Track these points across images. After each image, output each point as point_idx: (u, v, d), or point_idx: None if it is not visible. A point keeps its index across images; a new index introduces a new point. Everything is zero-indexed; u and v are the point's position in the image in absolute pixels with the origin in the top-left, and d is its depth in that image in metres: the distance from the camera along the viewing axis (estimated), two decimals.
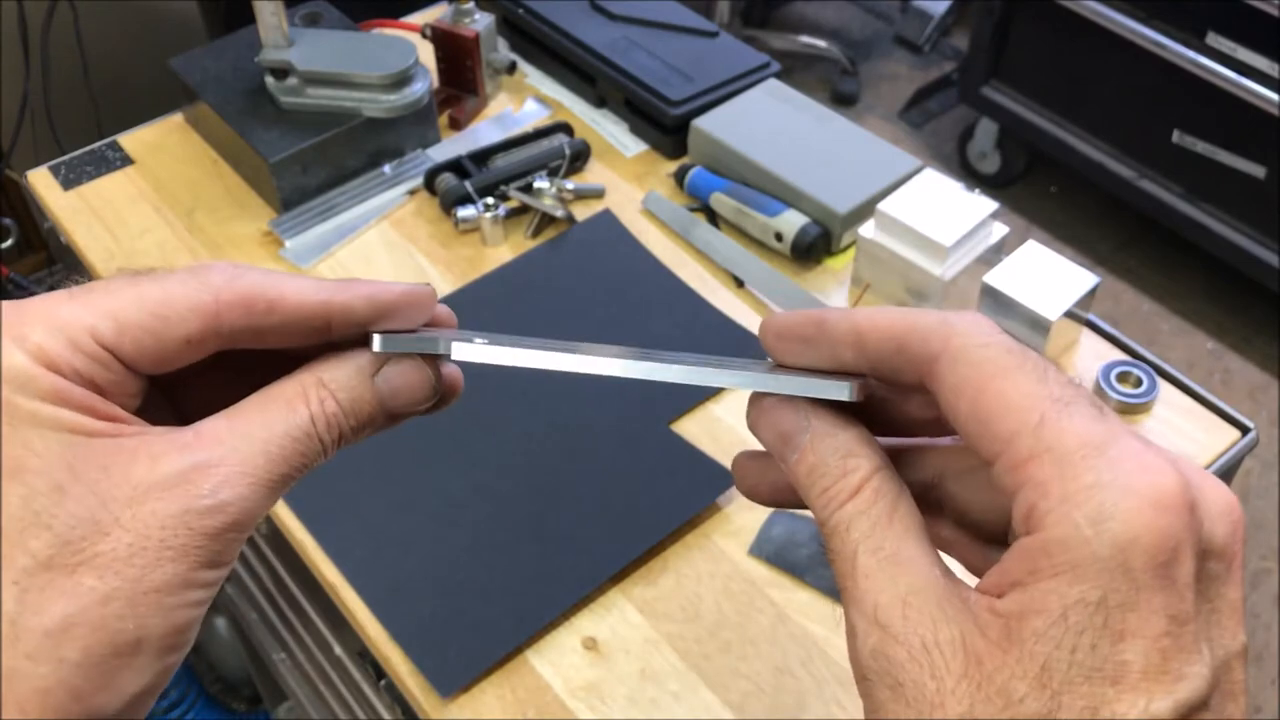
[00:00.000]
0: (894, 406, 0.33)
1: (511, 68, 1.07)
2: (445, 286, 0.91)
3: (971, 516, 0.32)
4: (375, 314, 0.32)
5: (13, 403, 0.27)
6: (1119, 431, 0.26)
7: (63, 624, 0.26)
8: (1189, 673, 0.24)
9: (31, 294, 1.66)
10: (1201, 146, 1.94)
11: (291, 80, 0.96)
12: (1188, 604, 0.24)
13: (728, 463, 0.77)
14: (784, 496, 0.33)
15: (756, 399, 0.32)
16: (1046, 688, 0.24)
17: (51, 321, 0.28)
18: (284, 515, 0.75)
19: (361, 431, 0.32)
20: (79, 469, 0.27)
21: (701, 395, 0.82)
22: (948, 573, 0.27)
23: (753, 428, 0.32)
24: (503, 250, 0.94)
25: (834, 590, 0.71)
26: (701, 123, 0.98)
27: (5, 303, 0.29)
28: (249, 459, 0.29)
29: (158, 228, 0.96)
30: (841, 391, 0.29)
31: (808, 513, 0.31)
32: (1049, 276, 0.82)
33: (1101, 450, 0.25)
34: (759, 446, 0.32)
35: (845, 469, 0.29)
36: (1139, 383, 0.81)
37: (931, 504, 0.32)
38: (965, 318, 0.29)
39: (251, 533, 0.29)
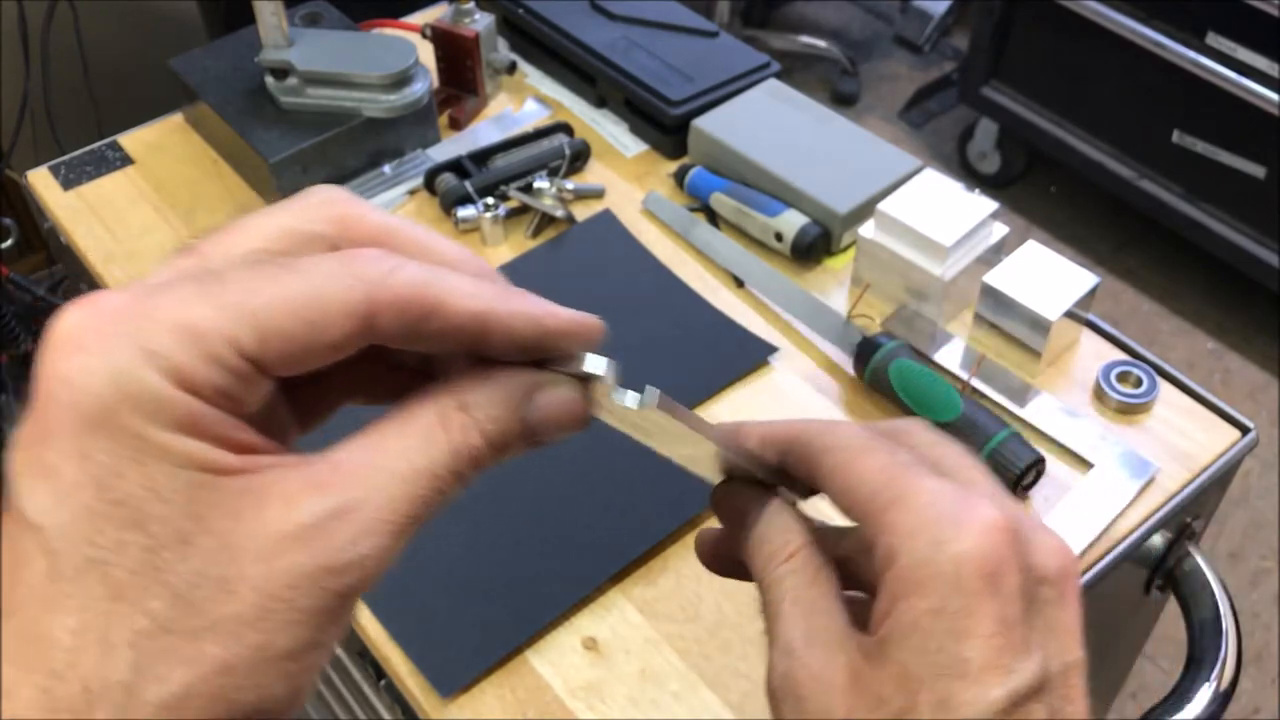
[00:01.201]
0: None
1: (511, 68, 1.07)
2: None
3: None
4: (538, 340, 0.29)
5: (140, 435, 0.24)
6: (957, 483, 0.31)
7: (181, 695, 0.23)
8: (1019, 667, 0.28)
9: (31, 294, 1.66)
10: (1201, 146, 1.94)
11: (291, 80, 0.96)
12: (1014, 610, 0.29)
13: None
14: (732, 569, 0.39)
15: (724, 484, 0.38)
16: (906, 687, 0.28)
17: (187, 330, 0.24)
18: None
19: (502, 460, 0.29)
20: (207, 517, 0.24)
21: (702, 396, 0.82)
22: (851, 623, 0.32)
23: (716, 505, 0.38)
24: (503, 250, 0.94)
25: None
26: (701, 123, 0.98)
27: (129, 297, 0.25)
28: (390, 502, 0.26)
29: (158, 228, 0.96)
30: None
31: (808, 513, 0.36)
32: (1049, 276, 0.82)
33: (939, 495, 0.30)
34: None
35: (784, 539, 0.34)
36: (1139, 383, 0.81)
37: (850, 576, 0.37)
38: (839, 425, 0.35)
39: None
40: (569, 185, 0.96)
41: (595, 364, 0.30)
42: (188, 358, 0.24)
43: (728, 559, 0.38)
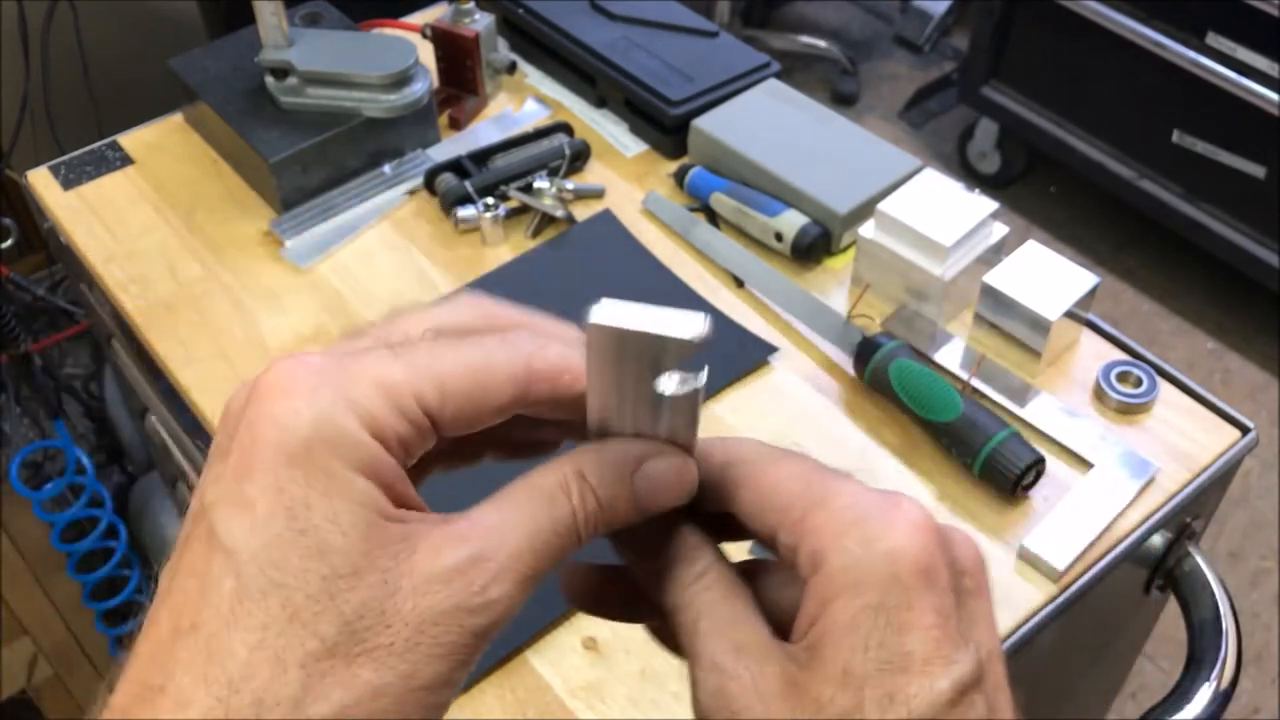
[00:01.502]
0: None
1: (511, 68, 1.07)
2: (445, 286, 0.91)
3: (781, 617, 0.36)
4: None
5: (332, 472, 0.27)
6: (868, 487, 0.31)
7: (337, 715, 0.26)
8: (959, 657, 0.28)
9: (31, 294, 1.66)
10: (1201, 146, 1.94)
11: (291, 80, 0.96)
12: (949, 602, 0.29)
13: None
14: (601, 605, 0.39)
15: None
16: (849, 686, 0.28)
17: (383, 384, 0.28)
18: None
19: (614, 527, 0.32)
20: (375, 554, 0.27)
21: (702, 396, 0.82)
22: (773, 634, 0.31)
23: (616, 536, 0.35)
24: (503, 250, 0.94)
25: None
26: (701, 123, 0.98)
27: (331, 357, 0.28)
28: (518, 555, 0.29)
29: (158, 228, 0.96)
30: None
31: None
32: (1049, 276, 0.82)
33: (858, 496, 0.31)
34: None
35: (693, 558, 0.33)
36: (1139, 383, 0.81)
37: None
38: (740, 440, 0.34)
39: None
40: (569, 185, 0.96)
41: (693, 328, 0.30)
42: (381, 408, 0.28)
43: (598, 594, 0.39)
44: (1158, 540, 0.78)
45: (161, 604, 0.27)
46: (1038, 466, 0.75)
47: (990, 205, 0.85)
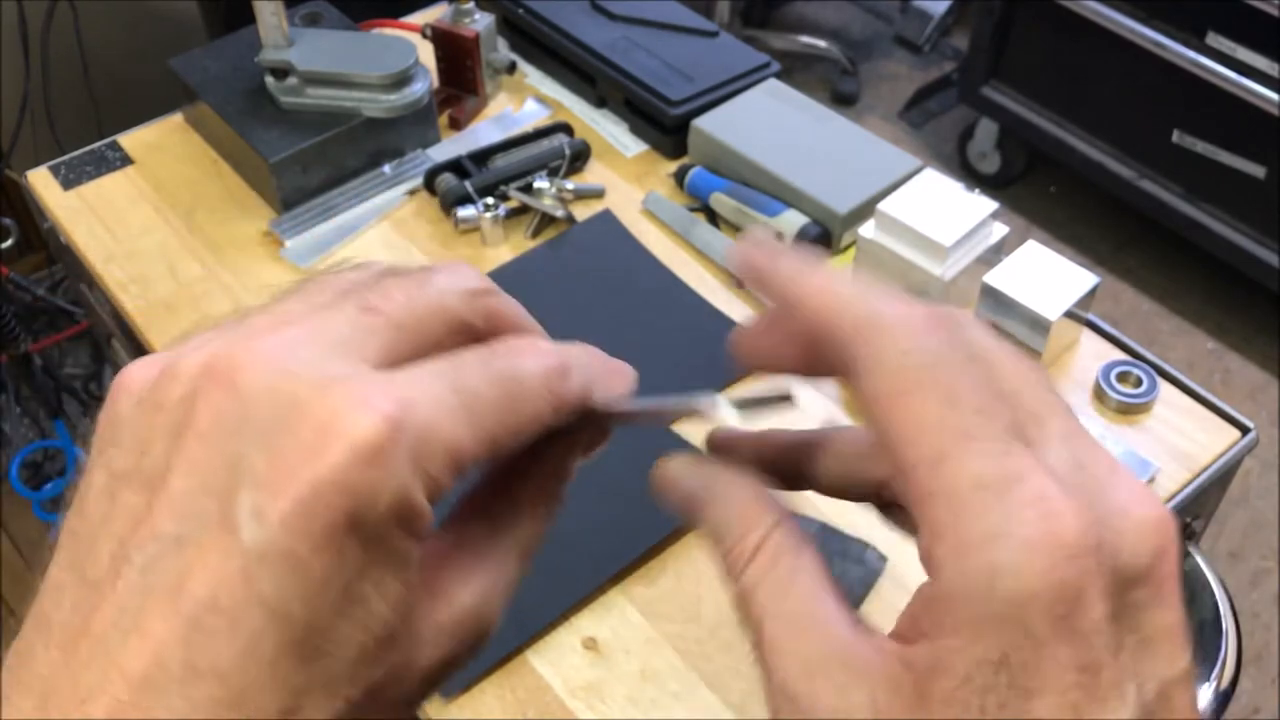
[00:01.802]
0: (816, 464, 0.33)
1: (511, 68, 1.07)
2: None
3: (839, 482, 0.33)
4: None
5: (389, 544, 0.25)
6: (1024, 469, 0.24)
7: None
8: (1108, 716, 0.23)
9: (31, 294, 1.65)
10: (1201, 146, 1.94)
11: (291, 80, 0.96)
12: (1097, 651, 0.23)
13: None
14: (791, 362, 0.32)
15: (661, 466, 0.33)
16: None
17: (454, 454, 0.25)
18: None
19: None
20: (407, 615, 0.26)
21: None
22: (857, 625, 0.26)
23: (661, 495, 0.32)
24: (503, 250, 0.94)
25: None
26: (701, 123, 0.98)
27: (407, 413, 0.25)
28: (510, 577, 0.30)
29: (158, 228, 0.96)
30: (709, 405, 0.32)
31: (808, 513, 0.32)
32: (1049, 276, 0.82)
33: (999, 495, 0.23)
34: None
35: (744, 529, 0.28)
36: (1139, 383, 0.81)
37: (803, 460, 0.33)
38: (896, 311, 0.27)
39: None
40: (569, 185, 0.96)
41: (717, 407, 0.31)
42: (445, 475, 0.25)
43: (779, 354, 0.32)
44: None
45: (162, 604, 0.24)
46: None
47: (990, 205, 0.85)
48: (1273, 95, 1.79)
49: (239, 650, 0.23)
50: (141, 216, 0.97)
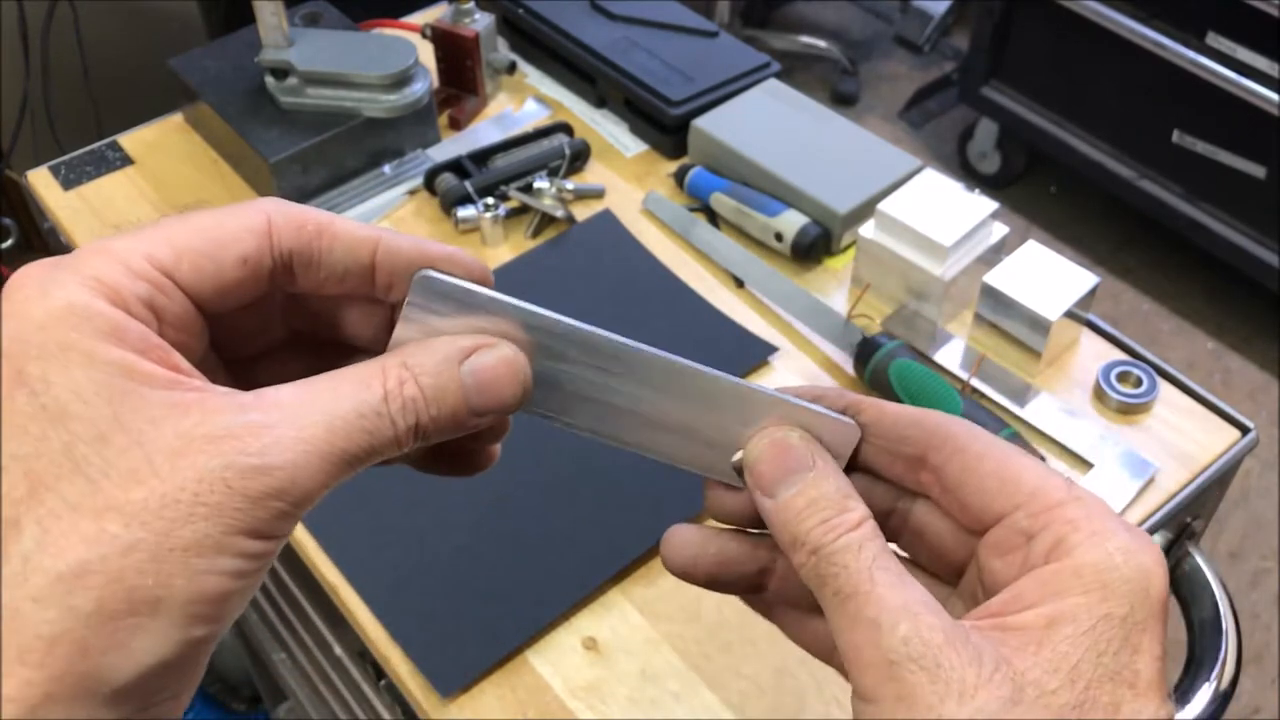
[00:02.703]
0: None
1: (511, 68, 1.07)
2: None
3: (931, 551, 0.36)
4: (420, 259, 0.31)
5: (67, 340, 0.26)
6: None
7: (78, 569, 0.25)
8: (1166, 698, 0.28)
9: None
10: (1201, 146, 1.94)
11: (291, 80, 0.96)
12: (1164, 642, 0.29)
13: None
14: (716, 572, 0.36)
15: (761, 434, 0.34)
16: (1077, 684, 0.27)
17: (107, 253, 0.28)
18: None
19: (443, 428, 0.30)
20: (126, 419, 0.26)
21: None
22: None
23: (753, 460, 0.34)
24: (503, 250, 0.94)
25: None
26: (701, 123, 0.98)
27: (58, 256, 0.28)
28: (307, 426, 0.27)
29: None
30: (853, 430, 0.34)
31: None
32: (1049, 276, 0.82)
33: (1111, 512, 0.30)
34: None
35: (846, 506, 0.31)
36: (1139, 383, 0.81)
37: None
38: (945, 418, 0.34)
39: (306, 510, 0.28)
40: (569, 185, 0.96)
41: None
42: (108, 270, 0.27)
43: (716, 559, 0.36)
44: (1158, 540, 0.78)
45: None
46: None
47: (990, 205, 0.85)
48: (1273, 95, 1.79)
49: None
50: (142, 216, 0.97)
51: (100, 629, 0.25)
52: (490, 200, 0.93)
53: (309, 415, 0.27)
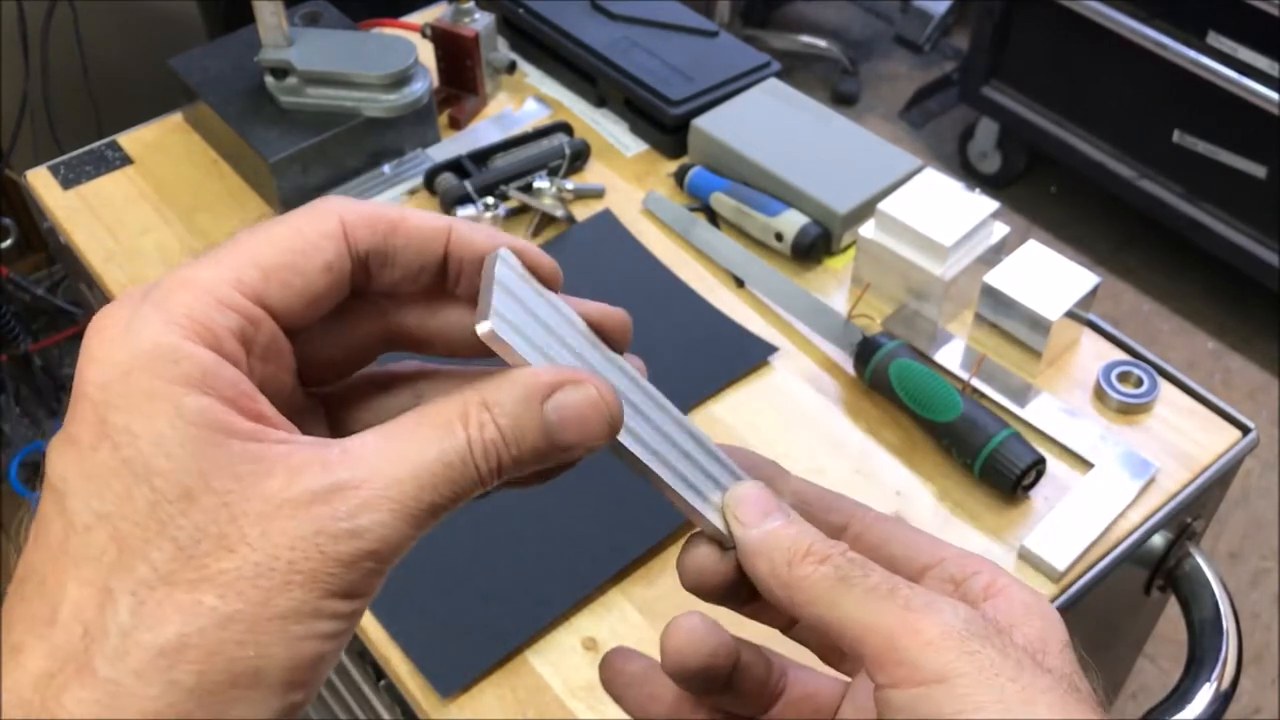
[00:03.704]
0: None
1: (511, 67, 1.07)
2: None
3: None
4: (492, 247, 0.31)
5: (152, 389, 0.25)
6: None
7: (178, 643, 0.24)
8: None
9: (31, 294, 1.65)
10: (1202, 146, 1.94)
11: (291, 80, 0.96)
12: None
13: None
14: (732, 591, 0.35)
15: (738, 483, 0.34)
16: (1065, 661, 0.30)
17: (195, 286, 0.26)
18: None
19: (525, 464, 0.29)
20: (211, 475, 0.25)
21: (702, 395, 0.82)
22: None
23: (739, 498, 0.33)
24: None
25: None
26: (701, 122, 0.98)
27: (146, 286, 0.27)
28: (395, 483, 0.26)
29: (157, 228, 0.96)
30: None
31: None
32: (1049, 276, 0.82)
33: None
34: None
35: (802, 540, 0.31)
36: (1139, 383, 0.81)
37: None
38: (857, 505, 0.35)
39: (394, 564, 0.27)
40: (569, 185, 0.96)
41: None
42: (199, 306, 0.26)
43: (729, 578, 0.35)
44: (1158, 540, 0.78)
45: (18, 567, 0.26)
46: (1038, 467, 0.74)
47: (991, 205, 0.85)
48: (1273, 95, 1.79)
49: (36, 547, 0.26)
50: (141, 216, 0.97)
51: (203, 702, 0.24)
52: (490, 200, 0.93)
53: (396, 470, 0.26)
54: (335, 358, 0.32)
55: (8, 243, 1.68)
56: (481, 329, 0.29)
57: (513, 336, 0.29)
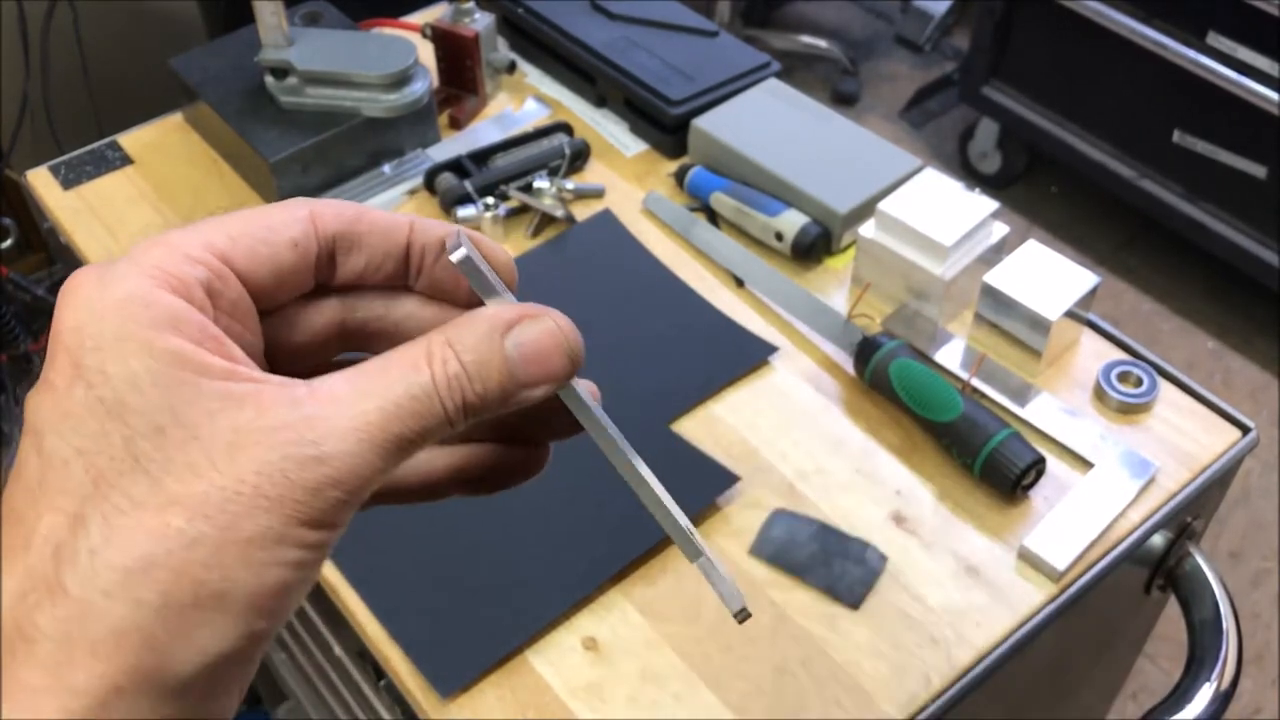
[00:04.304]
0: None
1: (511, 67, 1.07)
2: None
3: None
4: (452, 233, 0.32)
5: (124, 330, 0.26)
6: None
7: (144, 563, 0.25)
8: None
9: (31, 294, 1.65)
10: (1201, 146, 1.94)
11: (291, 80, 0.96)
12: None
13: (727, 462, 0.77)
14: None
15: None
16: None
17: (165, 244, 0.28)
18: None
19: (492, 404, 0.30)
20: (182, 411, 0.26)
21: (702, 395, 0.82)
22: None
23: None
24: None
25: (833, 589, 0.71)
26: (702, 122, 0.98)
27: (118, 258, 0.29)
28: (362, 414, 0.27)
29: (158, 228, 0.96)
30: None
31: (808, 513, 0.33)
32: (1049, 276, 0.82)
33: None
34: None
35: None
36: (1140, 382, 0.81)
37: None
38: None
39: (364, 496, 0.28)
40: (569, 185, 0.96)
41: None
42: (168, 258, 0.28)
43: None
44: (1158, 540, 0.78)
45: None
46: (1038, 466, 0.74)
47: (990, 205, 0.85)
48: (1273, 95, 1.79)
49: (16, 487, 0.27)
50: (141, 216, 0.97)
51: (167, 622, 0.25)
52: (490, 200, 0.93)
53: (362, 403, 0.27)
54: (298, 346, 0.33)
55: (8, 243, 1.68)
56: (455, 256, 0.30)
57: (485, 264, 0.31)
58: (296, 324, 0.32)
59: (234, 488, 0.25)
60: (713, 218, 0.96)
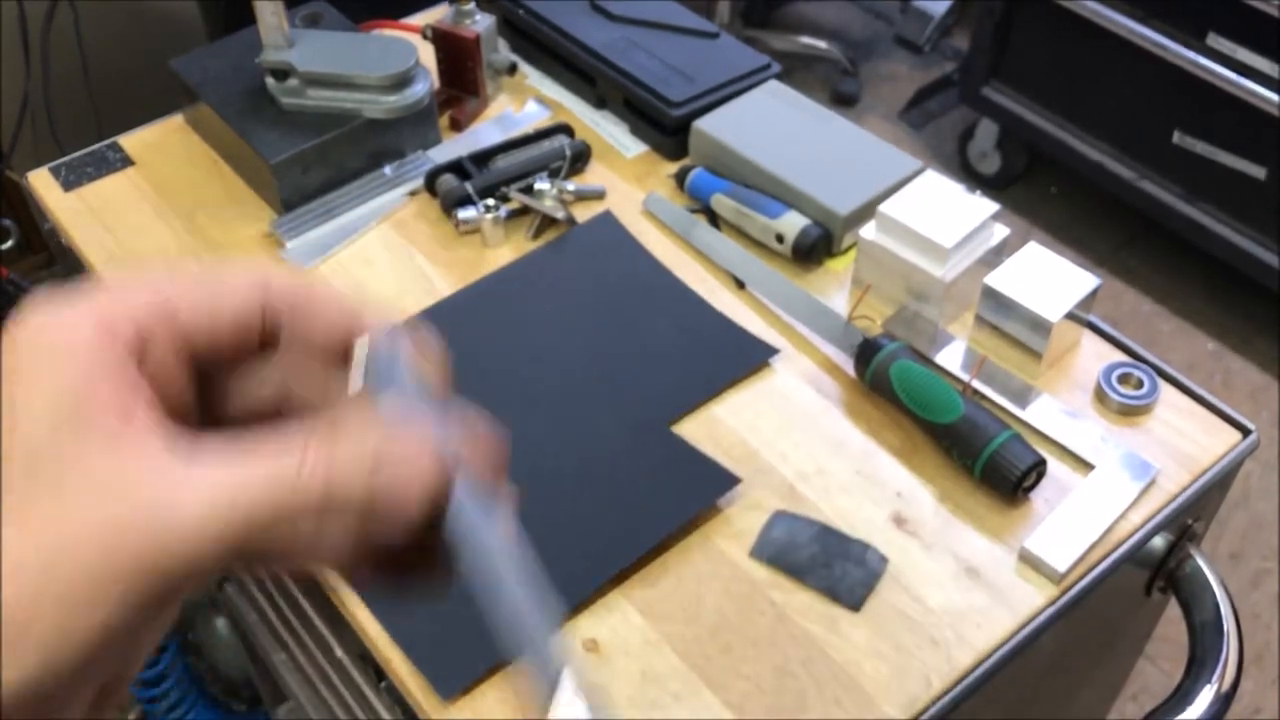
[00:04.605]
0: None
1: (512, 69, 1.07)
2: (445, 288, 0.91)
3: None
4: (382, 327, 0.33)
5: (41, 363, 0.27)
6: None
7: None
8: None
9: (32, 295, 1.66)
10: (1201, 147, 1.94)
11: (292, 81, 0.96)
12: None
13: (728, 464, 0.78)
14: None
15: None
16: None
17: (117, 287, 0.29)
18: None
19: (348, 519, 0.29)
20: (62, 446, 0.27)
21: (702, 395, 0.82)
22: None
23: None
24: (503, 252, 0.94)
25: (834, 591, 0.71)
26: (702, 124, 0.98)
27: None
28: (216, 487, 0.27)
29: (158, 229, 0.96)
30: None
31: (808, 514, 0.32)
32: (1050, 278, 0.82)
33: None
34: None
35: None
36: (1140, 384, 0.81)
37: None
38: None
39: (197, 575, 0.27)
40: (570, 186, 0.96)
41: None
42: (107, 299, 0.29)
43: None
44: (1159, 542, 0.78)
45: None
46: (1039, 468, 0.75)
47: (991, 207, 0.85)
48: (1273, 96, 1.79)
49: None
50: (142, 218, 0.97)
51: None
52: (491, 201, 0.93)
53: (224, 479, 0.27)
54: (251, 403, 0.33)
55: (9, 244, 1.68)
56: (353, 387, 0.32)
57: (400, 363, 0.32)
58: (248, 381, 0.33)
59: (71, 530, 0.26)
60: (713, 219, 0.96)
